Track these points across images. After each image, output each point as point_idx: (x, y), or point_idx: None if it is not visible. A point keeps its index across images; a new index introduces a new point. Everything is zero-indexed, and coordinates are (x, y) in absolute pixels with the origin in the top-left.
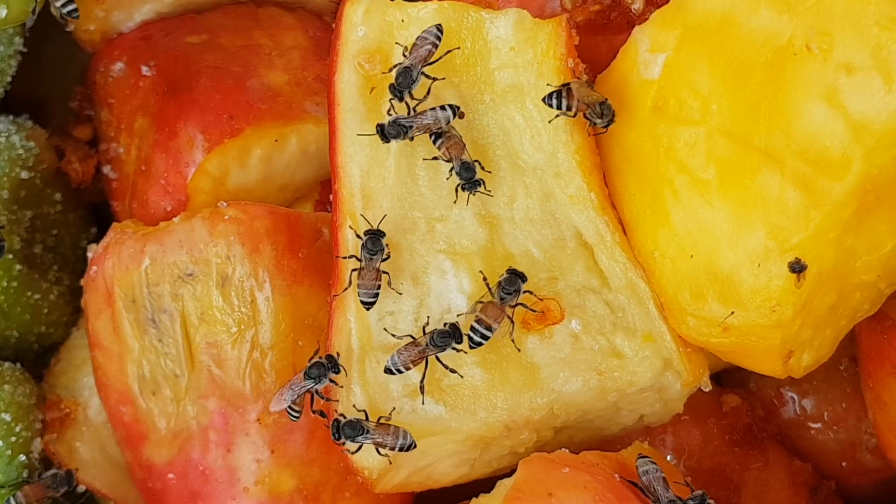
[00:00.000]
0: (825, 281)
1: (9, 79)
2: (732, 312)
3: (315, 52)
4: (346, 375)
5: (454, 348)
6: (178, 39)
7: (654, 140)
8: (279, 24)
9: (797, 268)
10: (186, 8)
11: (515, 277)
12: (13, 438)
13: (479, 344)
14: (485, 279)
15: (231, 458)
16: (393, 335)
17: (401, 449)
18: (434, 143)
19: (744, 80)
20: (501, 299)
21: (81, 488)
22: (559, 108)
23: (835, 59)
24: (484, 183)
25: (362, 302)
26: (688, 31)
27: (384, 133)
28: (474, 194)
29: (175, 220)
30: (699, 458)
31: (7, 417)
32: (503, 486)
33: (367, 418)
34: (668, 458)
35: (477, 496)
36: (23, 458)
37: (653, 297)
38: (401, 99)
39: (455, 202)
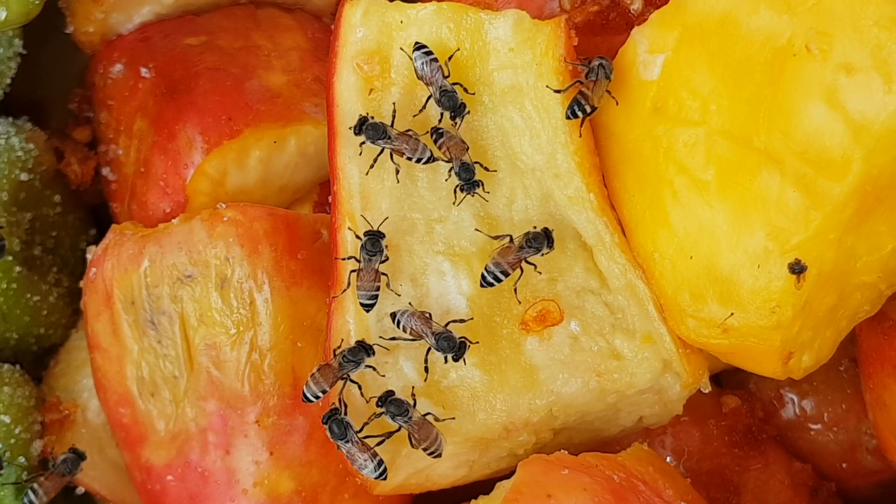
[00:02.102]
0: (825, 282)
1: (8, 81)
2: (732, 314)
3: (314, 53)
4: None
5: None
6: (176, 41)
7: (653, 141)
8: (278, 26)
9: (797, 269)
10: (185, 9)
11: (545, 238)
12: (12, 440)
13: (490, 284)
14: (510, 238)
15: (230, 459)
16: (392, 338)
17: (427, 452)
18: (435, 143)
19: (743, 80)
20: (520, 248)
21: (80, 490)
22: (585, 113)
23: (834, 60)
24: (483, 184)
25: (361, 304)
26: (687, 32)
27: (361, 127)
28: (473, 196)
29: (174, 221)
30: (699, 459)
31: (6, 419)
32: (502, 487)
33: (415, 405)
34: (668, 459)
35: (476, 498)
36: (22, 459)
37: (652, 298)
38: (461, 115)
39: (454, 203)
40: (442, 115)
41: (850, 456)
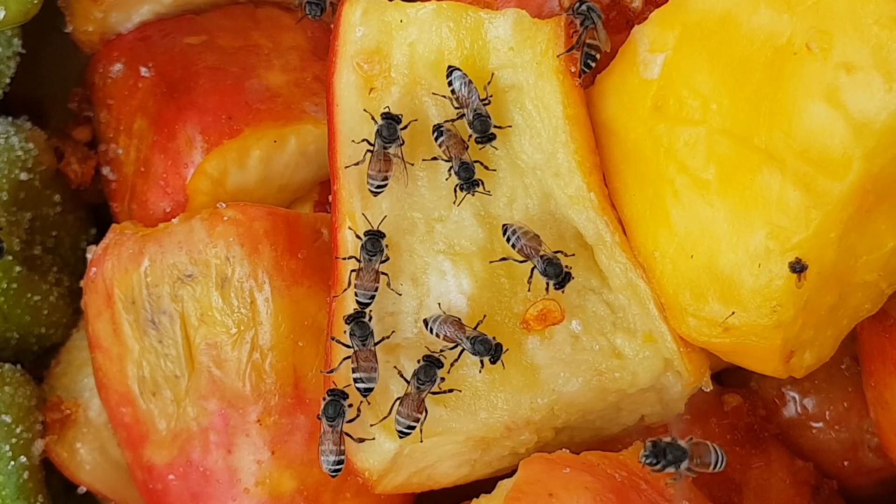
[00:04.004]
0: (826, 281)
1: (8, 80)
2: (733, 313)
3: (314, 52)
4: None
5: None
6: (176, 40)
7: (653, 140)
8: (278, 25)
9: (798, 268)
10: (185, 9)
11: (565, 276)
12: (14, 440)
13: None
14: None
15: (231, 458)
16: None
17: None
18: (435, 140)
19: (744, 79)
20: (536, 248)
21: (82, 489)
22: (596, 60)
23: (835, 59)
24: (482, 183)
25: (358, 303)
26: (687, 31)
27: (388, 118)
28: (473, 195)
29: (174, 221)
30: None
31: (7, 419)
32: (504, 486)
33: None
34: None
35: (478, 497)
36: (23, 459)
37: (653, 297)
38: (491, 140)
39: (455, 202)
40: (470, 136)
41: (852, 454)
